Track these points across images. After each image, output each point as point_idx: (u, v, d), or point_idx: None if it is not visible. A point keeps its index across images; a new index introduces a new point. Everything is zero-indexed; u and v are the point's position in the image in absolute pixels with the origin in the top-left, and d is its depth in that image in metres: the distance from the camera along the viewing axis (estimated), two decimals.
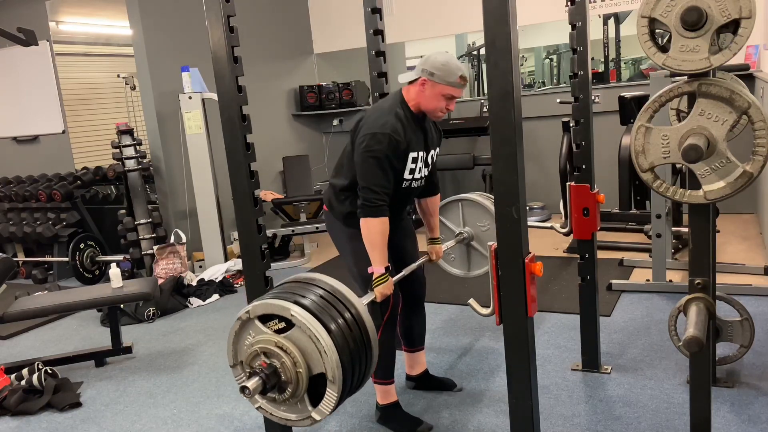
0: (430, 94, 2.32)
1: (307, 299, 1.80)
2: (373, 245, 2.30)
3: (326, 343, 1.71)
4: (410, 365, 2.89)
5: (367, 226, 2.29)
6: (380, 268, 2.30)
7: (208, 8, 2.02)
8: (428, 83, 2.30)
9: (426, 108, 2.36)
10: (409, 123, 2.35)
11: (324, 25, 6.99)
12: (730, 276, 3.87)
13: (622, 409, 2.58)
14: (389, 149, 2.26)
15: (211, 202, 5.10)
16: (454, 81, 2.28)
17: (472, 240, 3.07)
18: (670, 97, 1.78)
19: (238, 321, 1.83)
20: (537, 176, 5.87)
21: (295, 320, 1.73)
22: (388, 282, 2.31)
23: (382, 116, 2.32)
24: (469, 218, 3.06)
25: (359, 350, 1.82)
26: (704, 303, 1.88)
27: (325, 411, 1.76)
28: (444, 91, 2.30)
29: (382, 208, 2.28)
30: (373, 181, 2.26)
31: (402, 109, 2.35)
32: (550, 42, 11.13)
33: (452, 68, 2.28)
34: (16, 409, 3.06)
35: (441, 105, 2.33)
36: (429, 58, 2.31)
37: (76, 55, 6.75)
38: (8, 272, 3.52)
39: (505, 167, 1.72)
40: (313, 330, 1.71)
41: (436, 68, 2.28)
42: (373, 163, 2.26)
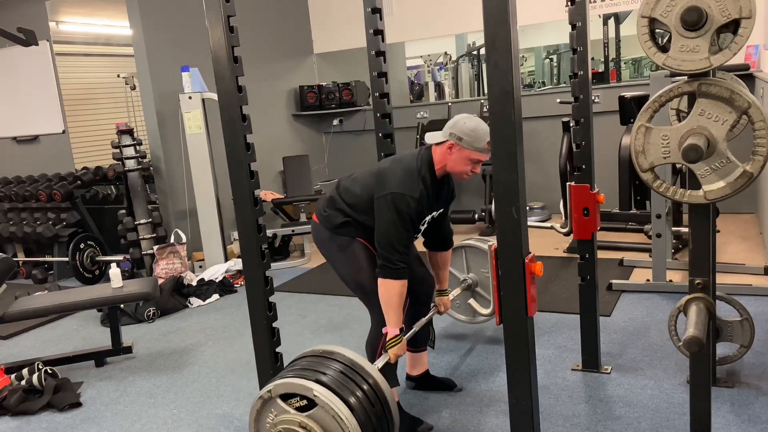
0: (457, 158, 2.34)
1: (327, 376, 1.83)
2: (390, 306, 2.32)
3: (350, 423, 1.73)
4: (412, 365, 2.89)
5: (386, 286, 2.30)
6: (395, 329, 2.33)
7: (208, 8, 2.02)
8: (455, 147, 2.33)
9: (452, 171, 2.39)
10: (432, 187, 2.39)
11: (324, 25, 6.99)
12: (730, 276, 3.87)
13: (622, 409, 2.58)
14: (415, 212, 2.31)
15: (211, 202, 5.10)
16: (481, 147, 2.31)
17: (477, 286, 3.15)
18: (670, 97, 1.78)
19: (260, 400, 1.85)
20: (537, 176, 5.87)
21: (318, 400, 1.76)
22: (402, 343, 2.35)
23: (411, 177, 2.33)
24: (473, 265, 3.13)
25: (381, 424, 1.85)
26: (704, 303, 1.88)
27: None
28: (471, 156, 2.33)
29: (402, 270, 2.30)
30: (397, 240, 2.28)
31: (428, 173, 2.37)
32: (550, 42, 11.14)
33: (480, 134, 2.30)
34: (16, 409, 3.06)
35: (467, 169, 2.37)
36: (458, 122, 2.34)
37: (76, 55, 6.75)
38: (8, 272, 3.52)
39: (505, 167, 1.72)
40: (336, 410, 1.74)
41: (464, 133, 2.30)
42: (400, 224, 2.28)
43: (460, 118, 2.35)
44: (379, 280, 2.32)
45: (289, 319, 3.98)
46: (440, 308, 2.76)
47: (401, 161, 2.42)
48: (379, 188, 2.34)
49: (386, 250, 2.29)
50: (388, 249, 2.28)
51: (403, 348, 2.36)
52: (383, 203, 2.30)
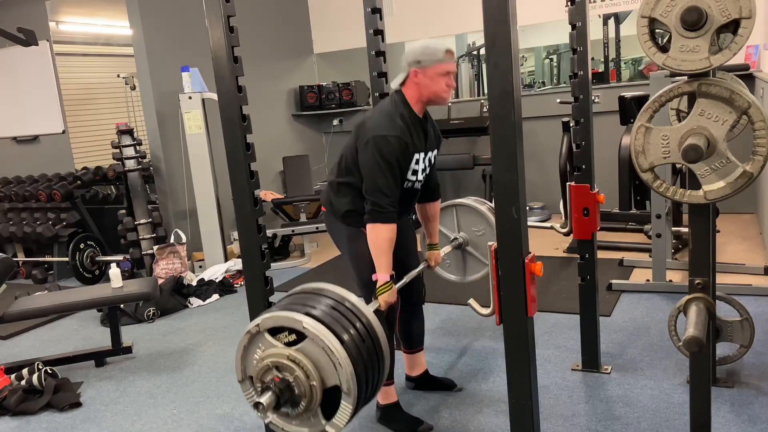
0: (426, 81, 2.31)
1: (317, 310, 1.77)
2: (380, 252, 2.28)
3: (341, 355, 1.69)
4: (410, 366, 2.89)
5: (376, 231, 2.27)
6: (385, 275, 2.29)
7: (208, 8, 2.02)
8: (420, 72, 2.30)
9: (430, 95, 2.34)
10: (413, 124, 2.34)
11: (324, 25, 6.99)
12: (730, 276, 3.87)
13: (622, 409, 2.58)
14: (399, 151, 2.26)
15: (211, 202, 5.10)
16: (442, 57, 2.29)
17: (467, 245, 3.09)
18: (670, 97, 1.78)
19: (247, 335, 1.80)
20: (537, 176, 5.88)
21: (308, 332, 1.70)
22: (392, 290, 2.30)
23: (390, 118, 2.30)
24: (464, 223, 3.08)
25: (372, 360, 1.80)
26: (704, 303, 1.88)
27: (339, 424, 1.73)
28: (437, 70, 2.29)
29: (391, 214, 2.26)
30: (384, 183, 2.24)
31: (405, 110, 2.34)
32: (550, 42, 11.13)
33: (434, 47, 2.29)
34: (16, 409, 3.06)
35: (441, 86, 2.32)
36: (408, 51, 2.33)
37: (76, 55, 6.75)
38: (8, 272, 3.52)
39: (505, 167, 1.72)
40: (326, 342, 1.69)
41: (418, 55, 2.29)
42: (385, 167, 2.24)
43: (407, 48, 2.34)
44: (368, 226, 2.28)
45: None
46: (430, 262, 2.72)
47: (377, 108, 2.41)
48: (361, 138, 2.30)
49: (374, 195, 2.25)
50: (375, 194, 2.25)
51: (394, 295, 2.30)
52: (365, 150, 2.27)
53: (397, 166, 2.27)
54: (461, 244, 3.07)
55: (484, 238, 2.98)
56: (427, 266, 2.72)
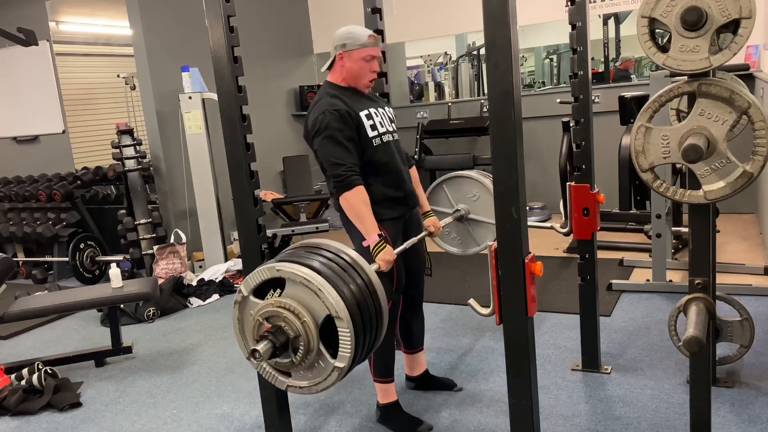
0: (351, 64, 2.36)
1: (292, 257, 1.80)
2: (360, 216, 2.28)
3: (318, 281, 1.68)
4: (410, 366, 2.89)
5: (347, 200, 2.28)
6: (373, 236, 2.26)
7: (208, 8, 2.02)
8: (345, 55, 2.36)
9: (355, 79, 2.39)
10: (344, 94, 2.38)
11: (324, 25, 6.98)
12: (730, 276, 3.87)
13: (622, 409, 2.58)
14: (335, 122, 2.28)
15: (211, 202, 5.10)
16: (365, 41, 2.34)
17: (469, 214, 3.02)
18: (670, 97, 1.78)
19: (236, 305, 1.81)
20: (537, 176, 5.88)
21: (282, 273, 1.71)
22: (387, 248, 2.26)
23: (316, 104, 2.36)
24: (457, 195, 3.03)
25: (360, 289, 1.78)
26: (704, 303, 1.88)
27: (345, 355, 1.69)
28: (361, 54, 2.34)
29: (352, 178, 2.27)
30: (334, 155, 2.27)
31: (334, 88, 2.39)
32: (550, 42, 11.14)
33: (358, 32, 2.35)
34: (16, 409, 3.06)
35: (365, 69, 2.37)
36: (335, 35, 2.38)
37: (76, 55, 6.76)
38: (8, 272, 3.52)
39: (505, 167, 1.72)
40: (301, 274, 1.69)
41: (343, 39, 2.35)
42: (326, 142, 2.28)
43: (335, 33, 2.39)
44: (340, 199, 2.29)
45: None
46: (430, 229, 2.67)
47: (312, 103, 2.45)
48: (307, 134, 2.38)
49: (331, 169, 2.28)
50: (330, 168, 2.28)
51: (390, 252, 2.26)
52: (311, 141, 2.34)
53: (340, 134, 2.28)
54: (463, 215, 3.01)
55: (481, 202, 2.95)
56: (428, 234, 2.67)
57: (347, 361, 1.70)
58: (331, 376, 1.74)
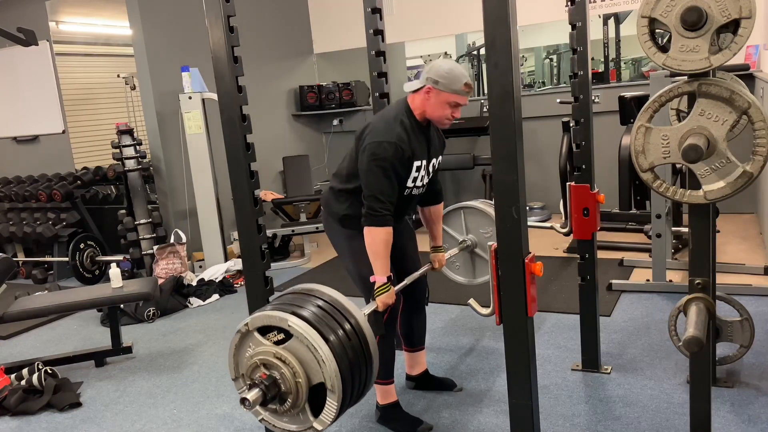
0: (435, 102, 2.32)
1: (305, 310, 1.81)
2: (377, 255, 2.30)
3: (324, 353, 1.72)
4: (410, 365, 2.89)
5: (372, 235, 2.29)
6: (382, 277, 2.31)
7: (208, 8, 2.02)
8: (433, 91, 2.30)
9: (431, 116, 2.36)
10: (414, 131, 2.36)
11: (324, 25, 6.99)
12: (730, 276, 3.87)
13: (622, 409, 2.58)
14: (395, 157, 2.27)
15: (211, 202, 5.10)
16: (458, 89, 2.28)
17: (476, 247, 3.10)
18: (670, 97, 1.78)
19: (238, 334, 1.84)
20: (537, 176, 5.87)
21: (293, 330, 1.74)
22: (390, 291, 2.32)
23: (387, 125, 2.32)
24: (471, 225, 3.09)
25: (359, 360, 1.82)
26: (704, 303, 1.88)
27: (326, 421, 1.76)
28: (449, 98, 2.30)
29: (387, 217, 2.28)
30: (379, 189, 2.26)
31: (407, 118, 2.35)
32: (550, 42, 11.12)
33: (457, 75, 2.28)
34: (16, 409, 3.06)
35: (446, 113, 2.33)
36: (433, 65, 2.32)
37: (76, 55, 6.75)
38: (8, 272, 3.52)
39: (505, 167, 1.72)
40: (310, 339, 1.72)
41: (440, 76, 2.28)
42: (379, 172, 2.26)
43: (435, 62, 2.34)
44: (365, 230, 2.29)
45: None
46: (435, 264, 2.72)
47: (380, 114, 2.42)
48: (360, 144, 2.34)
49: (369, 200, 2.27)
50: (371, 198, 2.27)
51: (392, 296, 2.31)
52: (363, 156, 2.30)
53: (392, 171, 2.28)
54: (469, 246, 3.08)
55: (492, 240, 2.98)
56: (431, 268, 2.72)
57: (325, 426, 1.78)
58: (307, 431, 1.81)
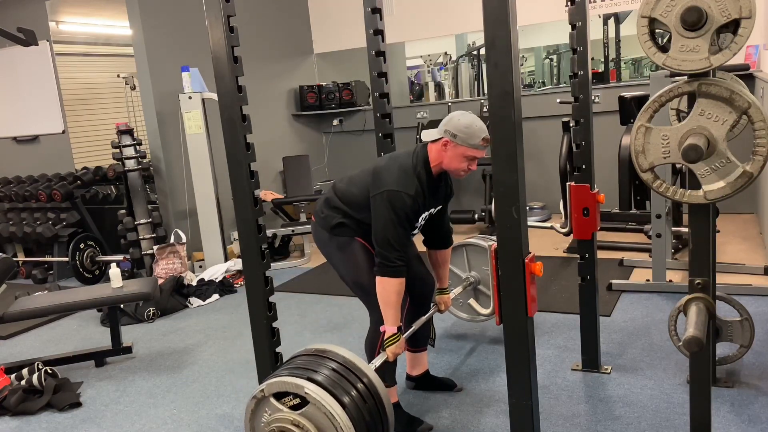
0: (452, 155, 2.33)
1: (320, 374, 1.83)
2: (388, 304, 2.32)
3: (342, 420, 1.73)
4: (412, 365, 2.89)
5: (384, 285, 2.31)
6: (393, 328, 2.33)
7: (208, 8, 2.02)
8: (450, 144, 2.32)
9: (448, 168, 2.38)
10: (428, 185, 2.39)
11: (324, 25, 6.99)
12: (730, 276, 3.87)
13: (622, 409, 2.58)
14: (411, 210, 2.31)
15: (211, 202, 5.10)
16: (476, 144, 2.29)
17: (479, 284, 3.15)
18: (670, 97, 1.78)
19: (254, 399, 1.86)
20: (537, 176, 5.87)
21: (310, 398, 1.76)
22: (400, 341, 2.35)
23: (407, 175, 2.34)
24: (474, 263, 3.14)
25: (374, 421, 1.84)
26: (704, 303, 1.88)
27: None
28: (466, 153, 2.31)
29: (401, 269, 2.30)
30: (394, 238, 2.29)
31: (424, 170, 2.37)
32: (550, 42, 11.13)
33: (475, 131, 2.29)
34: (16, 409, 3.06)
35: (463, 166, 2.35)
36: (452, 119, 2.33)
37: (76, 55, 6.75)
38: (8, 272, 3.52)
39: (505, 167, 1.72)
40: (328, 407, 1.74)
41: (459, 130, 2.29)
42: (396, 222, 2.28)
43: (454, 115, 2.35)
44: (377, 279, 2.32)
45: (289, 319, 3.98)
46: (440, 307, 2.76)
47: (397, 159, 2.42)
48: (375, 186, 2.34)
49: (384, 249, 2.29)
50: (386, 247, 2.29)
51: (402, 346, 2.36)
52: (380, 201, 2.31)
53: (406, 221, 2.32)
54: (473, 283, 3.14)
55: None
56: (437, 310, 2.76)
57: None
58: None
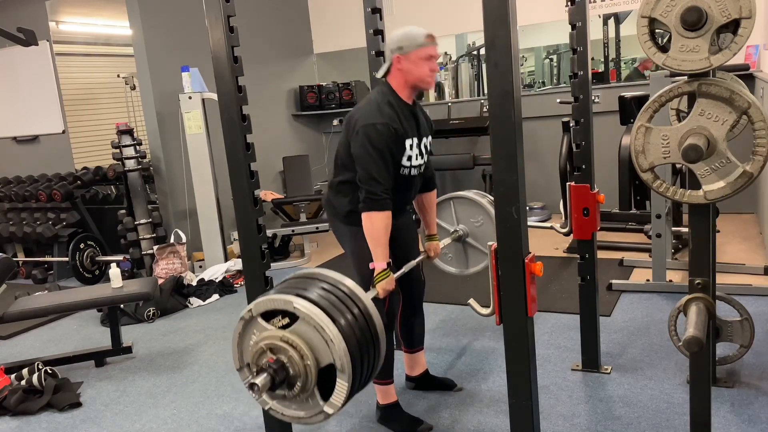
0: (409, 66, 2.33)
1: (310, 293, 1.79)
2: (376, 240, 2.29)
3: (332, 332, 1.68)
4: (410, 366, 2.89)
5: (371, 220, 2.28)
6: (382, 263, 2.29)
7: (208, 8, 2.02)
8: (402, 59, 2.33)
9: (414, 80, 2.36)
10: (403, 111, 2.36)
11: (324, 25, 6.99)
12: (730, 276, 3.87)
13: (622, 409, 2.58)
14: (389, 138, 2.27)
15: (211, 202, 5.10)
16: (422, 41, 2.31)
17: (467, 237, 3.07)
18: (670, 97, 1.78)
19: (241, 321, 1.81)
20: (537, 176, 5.88)
21: (299, 312, 1.71)
22: (390, 277, 2.30)
23: (377, 107, 2.32)
24: (462, 215, 3.06)
25: (367, 341, 1.79)
26: (704, 303, 1.88)
27: (336, 404, 1.72)
28: (419, 54, 2.32)
29: (385, 201, 2.27)
30: (376, 171, 2.25)
31: (393, 98, 2.36)
32: (550, 42, 11.12)
33: (414, 33, 2.32)
34: (16, 409, 3.06)
35: (425, 69, 2.34)
36: (390, 39, 2.36)
37: (76, 55, 6.75)
38: (8, 272, 3.52)
39: (505, 167, 1.72)
40: (317, 320, 1.69)
41: (400, 41, 2.32)
42: (375, 155, 2.25)
43: (389, 37, 2.38)
44: (364, 215, 2.28)
45: None
46: (430, 253, 2.71)
47: (365, 100, 2.42)
48: (351, 131, 2.33)
49: (367, 184, 2.26)
50: (369, 182, 2.26)
51: (391, 282, 2.30)
52: (356, 140, 2.29)
53: (388, 152, 2.28)
54: (461, 236, 3.05)
55: (483, 229, 2.97)
56: (426, 257, 2.70)
57: (336, 409, 1.73)
58: (317, 416, 1.76)
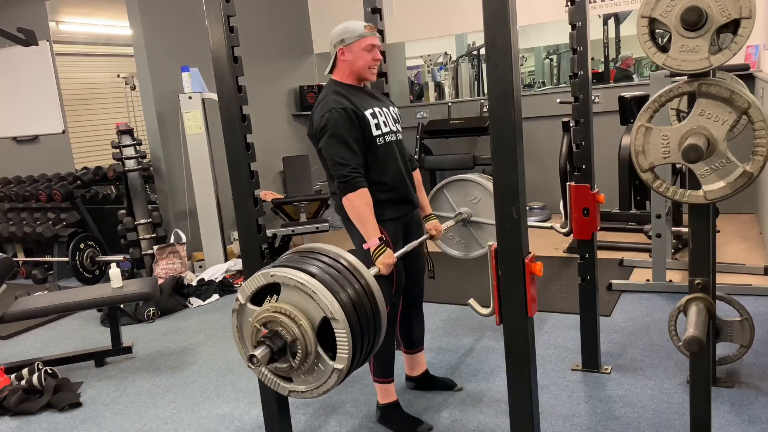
0: (352, 57, 2.39)
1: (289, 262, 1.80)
2: (362, 219, 2.29)
3: (312, 284, 1.69)
4: (410, 366, 2.89)
5: (350, 202, 2.29)
6: (374, 240, 2.28)
7: (208, 8, 2.03)
8: (345, 50, 2.39)
9: (359, 70, 2.40)
10: (350, 92, 2.39)
11: (324, 25, 6.98)
12: (730, 276, 3.87)
13: (622, 409, 2.58)
14: (342, 121, 2.29)
15: (211, 202, 5.10)
16: (363, 32, 2.38)
17: (471, 216, 3.03)
18: (670, 97, 1.78)
19: (234, 314, 1.82)
20: (537, 176, 5.87)
21: (276, 278, 1.72)
22: (388, 251, 2.27)
23: (324, 102, 2.36)
24: (458, 199, 3.04)
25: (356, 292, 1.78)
26: (704, 303, 1.88)
27: (343, 356, 1.69)
28: (360, 45, 2.38)
29: (357, 180, 2.28)
30: (338, 155, 2.28)
31: (339, 87, 2.40)
32: (550, 42, 11.13)
33: (354, 25, 2.40)
34: (16, 409, 3.06)
35: (368, 58, 2.40)
36: (331, 34, 2.42)
37: (76, 55, 6.75)
38: (8, 272, 3.52)
39: (505, 167, 1.72)
40: (294, 278, 1.70)
41: (341, 35, 2.39)
42: (333, 141, 2.28)
43: (331, 34, 2.43)
44: (343, 201, 2.30)
45: None
46: (432, 232, 2.67)
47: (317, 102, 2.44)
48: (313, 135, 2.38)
49: (336, 170, 2.29)
50: (337, 167, 2.28)
51: (391, 256, 2.27)
52: (318, 140, 2.34)
53: (348, 135, 2.30)
54: (465, 218, 3.02)
55: (483, 203, 2.96)
56: (429, 237, 2.67)
57: (346, 362, 1.71)
58: (331, 378, 1.74)
